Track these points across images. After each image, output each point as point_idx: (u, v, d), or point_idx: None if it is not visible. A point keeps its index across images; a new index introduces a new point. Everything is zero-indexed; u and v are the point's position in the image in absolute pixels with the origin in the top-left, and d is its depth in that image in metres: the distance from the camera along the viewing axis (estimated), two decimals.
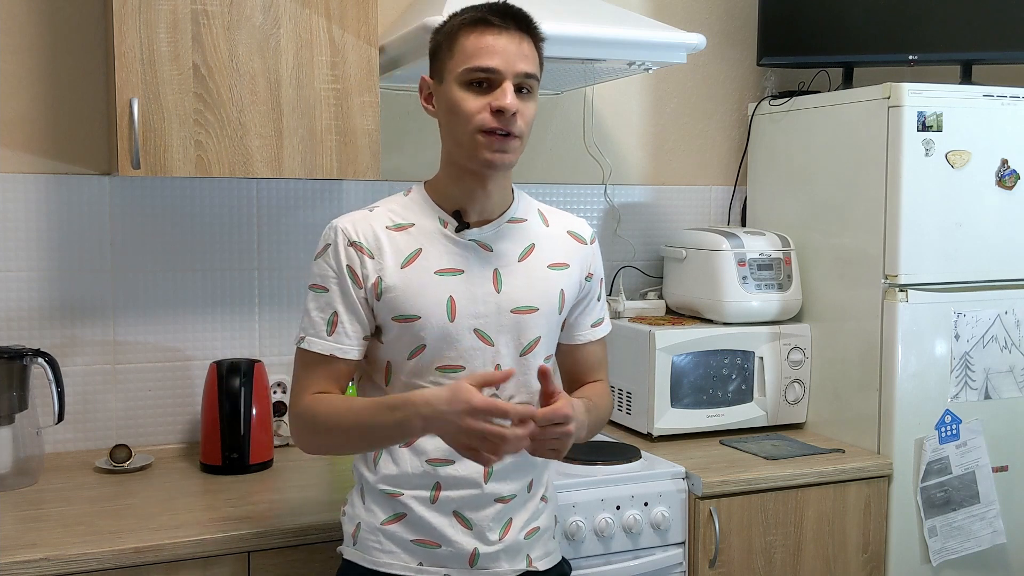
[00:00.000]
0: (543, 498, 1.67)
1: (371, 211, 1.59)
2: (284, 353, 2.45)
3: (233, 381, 2.17)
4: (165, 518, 1.84)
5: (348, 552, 1.63)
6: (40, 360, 2.07)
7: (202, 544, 1.75)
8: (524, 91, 1.51)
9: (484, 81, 1.49)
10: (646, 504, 2.10)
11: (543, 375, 1.46)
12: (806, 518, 2.25)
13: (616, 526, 2.06)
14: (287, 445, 2.38)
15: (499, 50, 1.48)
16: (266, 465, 2.20)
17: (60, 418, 2.08)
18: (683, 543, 2.15)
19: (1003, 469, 2.44)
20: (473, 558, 1.57)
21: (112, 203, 2.30)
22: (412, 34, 2.04)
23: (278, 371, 2.42)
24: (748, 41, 2.85)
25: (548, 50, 1.60)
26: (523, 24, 1.52)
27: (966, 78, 2.55)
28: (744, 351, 2.51)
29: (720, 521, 2.15)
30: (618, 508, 2.07)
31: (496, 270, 1.58)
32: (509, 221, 1.61)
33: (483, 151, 1.49)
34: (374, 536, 1.58)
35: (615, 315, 2.60)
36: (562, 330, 1.69)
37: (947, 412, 2.37)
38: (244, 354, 2.38)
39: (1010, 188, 2.41)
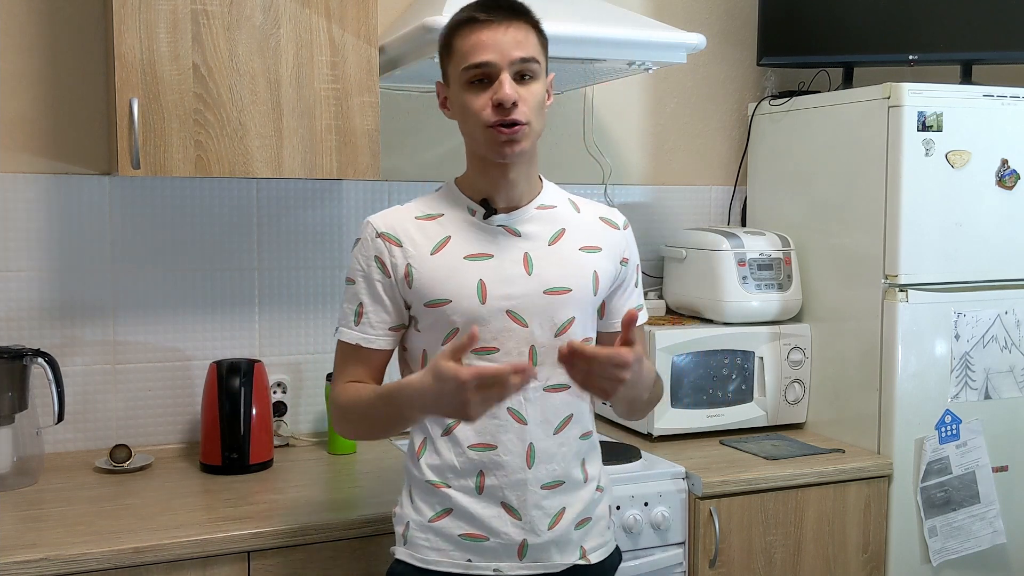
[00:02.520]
0: (598, 487, 1.67)
1: (403, 205, 1.66)
2: (284, 353, 2.45)
3: (233, 381, 2.17)
4: (165, 518, 1.84)
5: (399, 552, 1.63)
6: (40, 360, 2.07)
7: (202, 544, 1.75)
8: (526, 76, 1.53)
9: (483, 77, 1.52)
10: (646, 504, 2.10)
11: (628, 322, 1.43)
12: (806, 518, 2.25)
13: (616, 526, 2.06)
14: (287, 445, 2.38)
15: (489, 44, 1.50)
16: (266, 465, 2.20)
17: (60, 418, 2.08)
18: (683, 543, 2.15)
19: (1003, 469, 2.43)
20: (522, 550, 1.57)
21: (112, 203, 2.30)
22: (412, 34, 2.04)
23: (278, 371, 2.42)
24: (748, 41, 2.85)
25: (549, 50, 1.60)
26: (509, 11, 1.53)
27: (966, 78, 2.55)
28: (744, 351, 2.51)
29: (720, 521, 2.15)
30: (618, 508, 2.07)
31: (526, 253, 1.60)
32: (538, 208, 1.64)
33: (494, 145, 1.53)
34: (423, 534, 1.59)
35: None
36: (601, 317, 1.70)
37: (947, 412, 2.37)
38: (244, 354, 2.38)
39: (1010, 188, 2.41)
